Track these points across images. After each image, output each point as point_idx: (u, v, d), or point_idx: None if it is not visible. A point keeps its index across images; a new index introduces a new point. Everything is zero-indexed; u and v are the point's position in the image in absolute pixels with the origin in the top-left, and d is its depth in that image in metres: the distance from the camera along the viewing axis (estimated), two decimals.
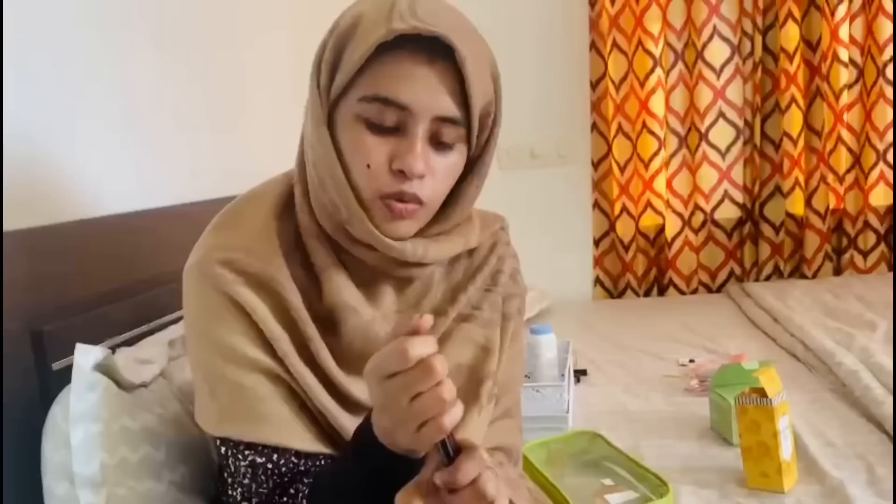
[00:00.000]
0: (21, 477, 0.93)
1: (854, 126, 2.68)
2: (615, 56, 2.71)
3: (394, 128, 0.75)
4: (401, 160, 0.75)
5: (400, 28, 0.72)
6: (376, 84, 0.74)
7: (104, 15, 1.27)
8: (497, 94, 0.81)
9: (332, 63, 0.77)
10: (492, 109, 0.80)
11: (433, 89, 0.74)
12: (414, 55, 0.73)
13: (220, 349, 0.78)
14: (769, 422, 1.20)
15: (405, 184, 0.75)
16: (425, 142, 0.76)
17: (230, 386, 0.78)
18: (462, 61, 0.73)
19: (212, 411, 0.80)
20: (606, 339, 2.25)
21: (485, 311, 0.91)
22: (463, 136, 0.78)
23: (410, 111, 0.74)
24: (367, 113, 0.75)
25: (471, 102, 0.75)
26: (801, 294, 2.44)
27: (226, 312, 0.78)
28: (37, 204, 1.08)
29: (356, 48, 0.74)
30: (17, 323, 0.95)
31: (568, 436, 1.44)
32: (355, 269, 0.83)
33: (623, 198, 2.79)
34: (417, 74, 0.74)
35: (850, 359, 1.69)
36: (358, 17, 0.76)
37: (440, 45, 0.73)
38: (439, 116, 0.75)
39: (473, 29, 0.79)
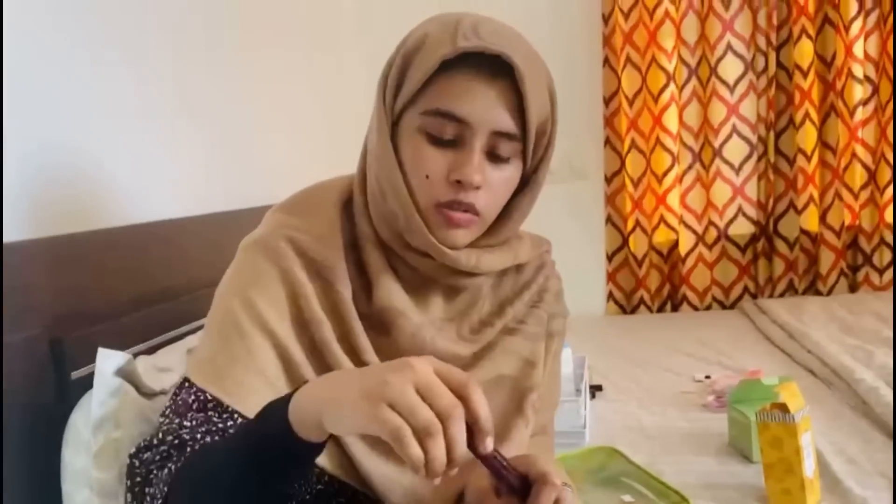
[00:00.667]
0: (39, 484, 0.92)
1: (869, 142, 2.67)
2: (629, 72, 2.72)
3: (453, 140, 0.78)
4: (458, 171, 0.77)
5: (464, 46, 0.75)
6: (438, 99, 0.77)
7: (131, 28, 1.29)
8: (553, 113, 0.83)
9: (397, 79, 0.80)
10: (548, 127, 0.83)
11: (491, 105, 0.77)
12: (475, 72, 0.76)
13: (250, 310, 0.79)
14: (792, 438, 1.19)
15: (461, 193, 0.78)
16: (482, 155, 0.78)
17: (237, 345, 0.78)
18: (521, 79, 0.76)
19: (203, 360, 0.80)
20: (621, 355, 2.24)
21: (530, 326, 0.92)
22: (519, 152, 0.81)
23: (469, 125, 0.77)
24: (429, 126, 0.78)
25: (527, 119, 0.78)
26: (817, 310, 2.42)
27: (271, 285, 0.80)
28: (60, 213, 1.09)
29: (421, 64, 0.77)
30: (37, 331, 0.96)
31: (585, 452, 1.43)
32: (407, 276, 0.84)
33: (636, 213, 2.78)
34: (477, 90, 0.76)
35: (869, 375, 1.67)
36: (424, 36, 0.79)
37: (501, 64, 0.76)
38: (496, 131, 0.78)
39: (533, 50, 0.82)
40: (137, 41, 1.31)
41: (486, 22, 0.80)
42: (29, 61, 1.04)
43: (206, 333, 0.83)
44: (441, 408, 0.56)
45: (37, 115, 1.05)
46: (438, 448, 0.55)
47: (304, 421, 0.61)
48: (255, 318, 0.78)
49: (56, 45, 1.10)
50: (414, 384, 0.57)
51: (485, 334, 0.90)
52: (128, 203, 1.25)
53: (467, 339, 0.89)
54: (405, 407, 0.55)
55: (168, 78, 1.40)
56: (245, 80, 1.75)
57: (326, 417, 0.60)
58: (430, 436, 0.55)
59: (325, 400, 0.61)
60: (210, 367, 0.78)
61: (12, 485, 0.89)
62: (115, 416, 0.90)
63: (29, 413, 0.93)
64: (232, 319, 0.79)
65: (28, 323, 0.94)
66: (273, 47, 1.95)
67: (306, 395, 0.63)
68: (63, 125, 1.11)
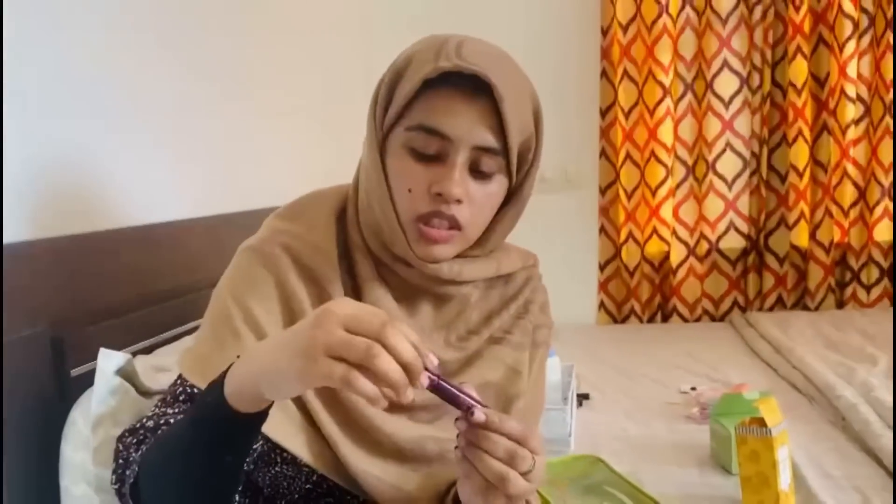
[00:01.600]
0: (38, 478, 0.95)
1: (860, 161, 2.71)
2: (625, 85, 2.76)
3: (436, 156, 0.80)
4: (439, 184, 0.79)
5: (444, 66, 0.78)
6: (422, 115, 0.80)
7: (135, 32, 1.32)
8: (538, 130, 0.86)
9: (386, 96, 0.83)
10: (532, 144, 0.85)
11: (472, 121, 0.79)
12: (457, 91, 0.79)
13: (245, 314, 0.82)
14: (768, 452, 1.22)
15: (442, 206, 0.80)
16: (465, 170, 0.81)
17: (230, 345, 0.80)
18: (499, 98, 0.78)
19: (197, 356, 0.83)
20: (609, 364, 2.27)
21: (516, 336, 0.95)
22: (503, 167, 0.83)
23: (451, 140, 0.79)
24: (413, 142, 0.81)
25: (508, 136, 0.80)
26: (804, 326, 2.46)
27: (266, 290, 0.83)
28: (62, 214, 1.11)
29: (407, 83, 0.81)
30: (39, 329, 0.99)
31: (569, 459, 1.46)
32: (396, 285, 0.87)
33: (629, 224, 2.82)
34: (459, 108, 0.79)
35: (850, 392, 1.71)
36: (411, 57, 0.82)
37: (482, 83, 0.78)
38: (477, 146, 0.80)
39: (518, 71, 0.85)
40: (142, 45, 1.34)
41: (470, 42, 0.82)
42: (33, 64, 1.07)
43: (201, 332, 0.86)
44: (372, 331, 0.59)
45: (39, 117, 1.08)
46: (386, 363, 0.58)
47: (241, 394, 0.64)
48: (249, 320, 0.81)
49: (59, 48, 1.13)
50: (340, 325, 0.59)
51: (472, 343, 0.92)
52: (128, 205, 1.28)
53: (455, 347, 0.92)
54: (340, 345, 0.58)
55: (171, 82, 1.44)
56: (247, 85, 1.78)
57: (265, 388, 0.63)
58: (374, 356, 0.58)
59: (259, 372, 0.63)
60: (201, 364, 0.81)
61: (13, 478, 0.93)
62: (114, 414, 0.93)
63: (30, 409, 0.96)
64: (227, 321, 0.82)
65: (30, 322, 0.97)
66: (276, 52, 1.98)
67: (240, 371, 0.65)
68: (65, 127, 1.14)
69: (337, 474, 0.82)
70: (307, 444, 0.81)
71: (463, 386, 0.68)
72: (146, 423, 0.78)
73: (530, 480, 0.67)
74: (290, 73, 2.08)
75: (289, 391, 0.64)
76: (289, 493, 0.85)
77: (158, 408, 0.81)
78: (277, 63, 1.99)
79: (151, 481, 0.73)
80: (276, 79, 1.96)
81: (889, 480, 1.36)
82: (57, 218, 1.09)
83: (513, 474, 0.66)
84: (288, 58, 2.07)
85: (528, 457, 0.66)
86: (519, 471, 0.66)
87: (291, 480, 0.84)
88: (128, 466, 0.75)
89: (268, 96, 1.90)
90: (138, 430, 0.78)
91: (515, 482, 0.66)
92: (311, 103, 2.23)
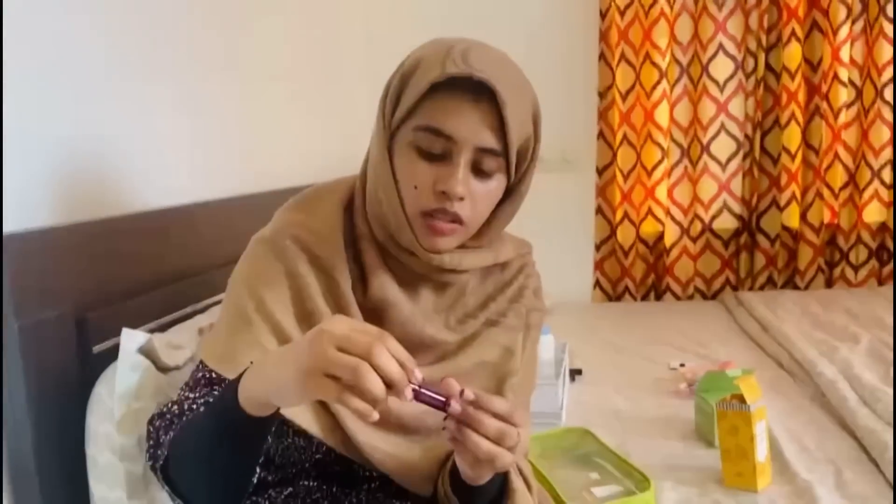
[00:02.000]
0: (66, 447, 1.03)
1: (851, 144, 2.77)
2: (623, 67, 2.80)
3: (441, 155, 0.86)
4: (444, 183, 0.86)
5: (451, 71, 0.84)
6: (429, 117, 0.86)
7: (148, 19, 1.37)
8: (536, 133, 0.92)
9: (395, 97, 0.89)
10: (530, 146, 0.91)
11: (476, 124, 0.85)
12: (462, 94, 0.85)
13: (258, 304, 0.88)
14: (746, 426, 1.30)
15: (446, 203, 0.86)
16: (467, 169, 0.87)
17: (245, 333, 0.87)
18: (502, 103, 0.84)
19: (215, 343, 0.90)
20: (603, 341, 2.34)
21: (510, 319, 1.02)
22: (502, 167, 0.89)
23: (455, 141, 0.85)
24: (420, 141, 0.86)
25: (508, 138, 0.86)
26: (792, 304, 2.53)
27: (278, 281, 0.89)
28: (85, 201, 1.18)
29: (415, 86, 0.86)
30: (64, 309, 1.06)
31: (560, 432, 1.54)
32: (399, 272, 0.94)
33: (625, 205, 2.88)
34: (463, 111, 0.85)
35: (830, 370, 1.79)
36: (419, 60, 0.88)
37: (485, 88, 0.84)
38: (480, 147, 0.86)
39: (519, 75, 0.90)
40: (154, 34, 1.39)
41: (476, 48, 0.88)
42: (56, 64, 1.13)
43: (219, 320, 0.93)
44: (361, 350, 0.65)
45: (63, 111, 1.14)
46: (371, 381, 0.64)
47: (252, 399, 0.72)
48: (262, 310, 0.88)
49: (73, 37, 1.19)
50: (333, 344, 0.65)
51: (469, 325, 1.00)
52: (145, 190, 1.35)
53: (453, 329, 0.99)
54: (331, 366, 0.64)
55: (185, 75, 1.49)
56: (256, 75, 1.83)
57: (273, 398, 0.70)
58: (361, 375, 0.64)
59: (267, 384, 0.71)
60: (219, 350, 0.88)
61: (43, 448, 1.00)
62: (136, 389, 1.01)
63: (58, 384, 1.03)
64: (241, 310, 0.89)
65: (56, 303, 1.04)
66: (282, 42, 2.02)
67: (251, 381, 0.73)
68: (86, 121, 1.20)
69: (344, 447, 0.90)
70: (316, 420, 0.88)
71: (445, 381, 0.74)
72: (172, 408, 0.86)
73: (515, 452, 0.75)
74: (298, 61, 2.13)
75: (293, 402, 0.71)
76: (300, 462, 0.92)
77: (183, 392, 0.88)
78: (286, 52, 2.04)
79: (179, 463, 0.81)
80: (284, 67, 2.01)
81: (862, 454, 1.43)
82: (78, 205, 1.16)
83: (502, 451, 0.74)
84: (296, 47, 2.12)
85: (514, 432, 0.74)
86: (506, 447, 0.74)
87: (302, 451, 0.92)
88: (159, 447, 0.84)
89: (276, 83, 1.95)
90: (165, 414, 0.86)
91: (503, 458, 0.74)
92: (317, 89, 2.28)
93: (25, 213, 1.04)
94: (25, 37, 1.05)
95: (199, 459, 0.79)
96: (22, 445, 0.99)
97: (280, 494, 0.92)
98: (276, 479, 0.94)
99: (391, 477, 0.91)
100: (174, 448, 0.82)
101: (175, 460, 0.82)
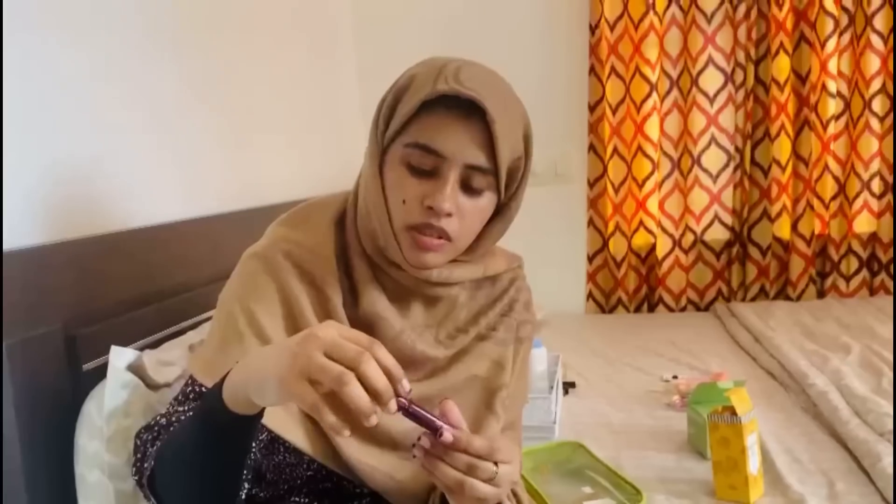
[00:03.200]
0: (55, 465, 1.03)
1: (840, 155, 2.79)
2: (613, 81, 2.82)
3: (431, 171, 0.87)
4: (431, 198, 0.86)
5: (442, 89, 0.84)
6: (419, 133, 0.86)
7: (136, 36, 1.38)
8: (528, 153, 0.92)
9: (388, 114, 0.90)
10: (521, 165, 0.92)
11: (465, 141, 0.86)
12: (452, 112, 0.85)
13: (249, 318, 0.88)
14: (738, 438, 1.30)
15: (433, 218, 0.87)
16: (456, 185, 0.87)
17: (235, 348, 0.87)
18: (491, 121, 0.85)
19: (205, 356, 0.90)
20: (596, 353, 2.35)
21: (500, 332, 1.03)
22: (492, 184, 0.89)
23: (445, 158, 0.86)
24: (410, 157, 0.87)
25: (498, 156, 0.86)
26: (784, 315, 2.54)
27: (269, 296, 0.90)
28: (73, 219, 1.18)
29: (407, 102, 0.87)
30: (53, 327, 1.06)
31: (553, 445, 1.54)
32: (390, 286, 0.95)
33: (617, 217, 2.89)
34: (453, 128, 0.85)
35: (822, 380, 1.79)
36: (412, 77, 0.89)
37: (476, 106, 0.85)
38: (469, 164, 0.87)
39: (510, 94, 0.91)
40: (142, 50, 1.40)
41: (468, 67, 0.88)
42: (42, 85, 1.14)
43: (210, 335, 0.93)
44: (349, 359, 0.64)
45: (49, 131, 1.14)
46: (354, 392, 0.63)
47: (236, 397, 0.71)
48: (253, 325, 0.88)
49: (63, 59, 1.19)
50: (320, 349, 0.64)
51: (460, 340, 1.00)
52: (134, 208, 1.35)
53: (444, 344, 0.99)
54: (316, 370, 0.63)
55: (170, 92, 1.50)
56: (244, 92, 1.84)
57: (253, 395, 0.69)
58: (345, 384, 0.62)
59: (249, 381, 0.70)
60: (209, 365, 0.88)
61: (31, 466, 1.00)
62: (126, 406, 1.00)
63: (46, 401, 1.03)
64: (232, 325, 0.89)
65: (45, 320, 1.04)
66: (271, 58, 2.03)
67: (235, 378, 0.72)
68: (73, 139, 1.20)
69: (335, 463, 0.90)
70: (306, 436, 0.88)
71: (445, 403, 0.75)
72: (160, 420, 0.86)
73: (497, 485, 0.74)
74: (289, 77, 2.14)
75: (273, 401, 0.69)
76: (291, 479, 0.92)
77: (172, 406, 0.88)
78: (277, 68, 2.05)
79: (165, 474, 0.81)
80: (274, 83, 2.02)
81: (854, 464, 1.43)
82: (66, 223, 1.16)
83: (470, 480, 0.73)
84: (288, 63, 2.13)
85: (490, 467, 0.74)
86: (479, 479, 0.73)
87: (293, 468, 0.91)
88: (145, 460, 0.83)
89: (263, 104, 1.95)
90: (153, 426, 0.86)
91: (474, 487, 0.73)
92: (306, 106, 2.29)
93: (14, 232, 1.04)
94: (10, 59, 1.05)
95: (183, 467, 0.78)
96: (10, 464, 0.99)
97: None
98: (268, 496, 0.94)
99: (381, 494, 0.91)
100: (159, 458, 0.81)
101: (160, 471, 0.81)
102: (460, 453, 0.73)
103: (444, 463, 0.73)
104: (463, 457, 0.73)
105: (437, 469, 0.74)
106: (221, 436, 0.74)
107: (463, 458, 0.73)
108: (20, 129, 1.06)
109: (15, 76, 1.05)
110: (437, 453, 0.74)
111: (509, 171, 0.90)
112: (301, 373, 0.64)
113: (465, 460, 0.73)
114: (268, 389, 0.68)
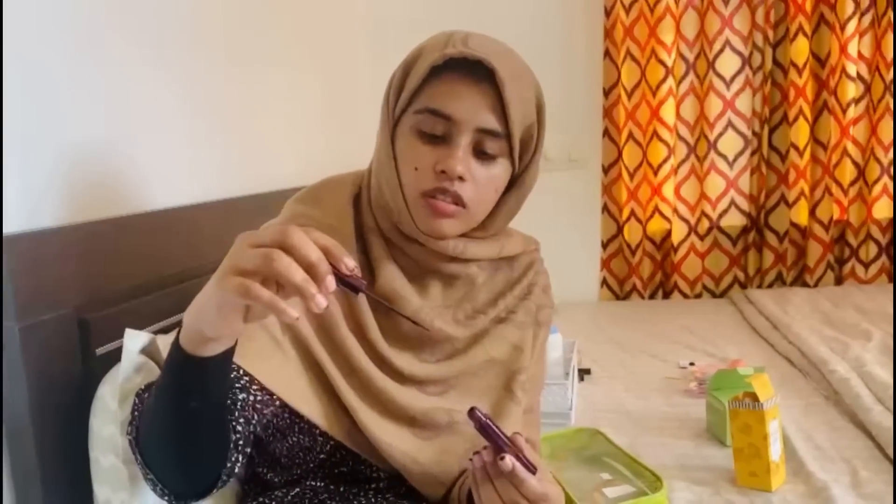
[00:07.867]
0: (69, 450, 1.02)
1: (859, 140, 2.74)
2: (628, 64, 2.78)
3: (442, 137, 0.86)
4: (443, 162, 0.85)
5: (450, 53, 0.84)
6: (429, 99, 0.86)
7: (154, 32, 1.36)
8: (540, 121, 0.91)
9: (398, 85, 0.90)
10: (534, 133, 0.91)
11: (476, 105, 0.85)
12: (462, 76, 0.85)
13: None
14: (760, 425, 1.28)
15: (446, 183, 0.86)
16: (468, 150, 0.86)
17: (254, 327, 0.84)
18: (501, 83, 0.84)
19: None
20: (611, 340, 2.33)
21: (519, 316, 1.01)
22: (505, 151, 0.88)
23: (455, 122, 0.85)
24: (421, 124, 0.87)
25: (509, 119, 0.86)
26: (802, 302, 2.51)
27: None
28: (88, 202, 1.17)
29: (417, 71, 0.87)
30: (66, 311, 1.04)
31: (570, 432, 1.52)
32: (407, 264, 0.93)
33: (632, 203, 2.86)
34: (463, 92, 0.85)
35: (843, 367, 1.76)
36: (422, 48, 0.89)
37: (486, 71, 0.84)
38: (480, 128, 0.86)
39: (520, 61, 0.90)
40: (160, 43, 1.38)
41: (477, 35, 0.89)
42: (57, 65, 1.12)
43: None
44: (271, 240, 0.61)
45: (64, 112, 1.13)
46: (285, 265, 0.59)
47: (191, 338, 0.67)
48: None
49: (75, 44, 1.17)
50: (247, 245, 0.62)
51: (478, 321, 0.99)
52: (148, 191, 1.33)
53: (462, 324, 0.98)
54: (244, 259, 0.60)
55: (187, 77, 1.48)
56: (258, 77, 1.82)
57: (200, 322, 0.66)
58: (273, 261, 0.59)
59: (194, 309, 0.67)
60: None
61: (46, 451, 0.99)
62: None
63: (60, 386, 1.02)
64: None
65: (58, 304, 1.03)
66: (285, 46, 2.01)
67: (187, 317, 0.68)
68: (88, 122, 1.19)
69: (352, 441, 0.88)
70: (323, 412, 0.87)
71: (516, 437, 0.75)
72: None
73: None
74: (299, 60, 2.12)
75: (211, 318, 0.65)
76: (304, 462, 0.91)
77: None
78: (287, 51, 2.03)
79: (141, 428, 0.78)
80: (285, 67, 2.00)
81: (876, 452, 1.41)
82: (80, 205, 1.14)
83: None
84: (297, 46, 2.10)
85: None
86: None
87: (307, 451, 0.90)
88: (136, 420, 0.81)
89: (278, 83, 1.93)
90: (151, 386, 0.83)
91: None
92: (319, 90, 2.27)
93: (27, 215, 1.03)
94: (26, 37, 1.04)
95: (153, 421, 0.75)
96: (24, 448, 0.98)
97: (287, 495, 0.90)
98: (283, 480, 0.93)
99: (401, 472, 0.89)
100: (141, 415, 0.79)
101: (141, 426, 0.78)
102: (510, 486, 0.73)
103: (491, 485, 0.74)
104: (512, 490, 0.73)
105: (484, 487, 0.75)
106: (179, 383, 0.71)
107: (512, 491, 0.73)
108: (31, 109, 1.05)
109: (26, 52, 1.04)
110: (491, 472, 0.74)
111: (522, 141, 0.89)
112: (231, 268, 0.61)
113: (512, 495, 0.74)
114: (208, 307, 0.64)
